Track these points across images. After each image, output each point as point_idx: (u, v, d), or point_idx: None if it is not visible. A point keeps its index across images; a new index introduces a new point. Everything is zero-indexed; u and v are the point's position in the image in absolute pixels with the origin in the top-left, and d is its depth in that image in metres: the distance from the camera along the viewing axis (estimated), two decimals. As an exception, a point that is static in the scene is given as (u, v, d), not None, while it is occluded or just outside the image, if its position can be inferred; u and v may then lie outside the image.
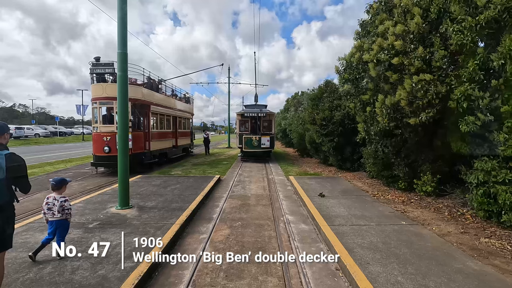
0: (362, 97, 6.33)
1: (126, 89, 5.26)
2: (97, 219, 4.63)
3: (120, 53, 5.17)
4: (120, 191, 5.28)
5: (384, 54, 4.88)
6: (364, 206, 5.56)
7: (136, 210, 5.18)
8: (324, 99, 10.17)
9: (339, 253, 3.40)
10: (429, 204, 5.59)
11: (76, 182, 8.41)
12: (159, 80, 12.52)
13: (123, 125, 5.30)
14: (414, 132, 5.56)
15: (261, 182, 8.58)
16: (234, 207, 5.78)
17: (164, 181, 7.97)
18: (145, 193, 6.48)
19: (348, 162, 9.96)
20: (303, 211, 5.59)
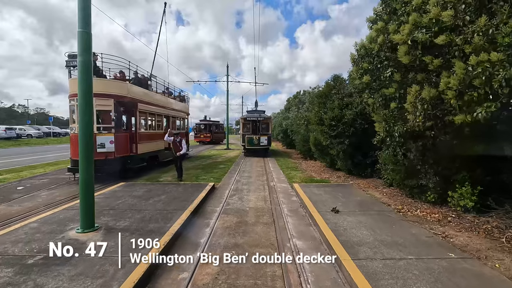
0: (385, 91, 5.19)
1: (89, 79, 4.12)
2: (44, 249, 3.48)
3: (82, 32, 4.03)
4: (82, 210, 4.14)
5: (422, 33, 3.76)
6: (391, 227, 4.42)
7: (101, 234, 4.04)
8: (332, 97, 9.03)
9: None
10: (473, 224, 4.45)
11: (47, 191, 7.27)
12: (147, 75, 11.37)
13: (85, 125, 4.15)
14: (454, 134, 4.43)
15: (261, 191, 7.44)
16: (228, 227, 4.65)
17: (148, 191, 6.82)
18: (121, 208, 5.33)
19: (359, 167, 8.81)
20: (315, 233, 4.45)
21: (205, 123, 34.18)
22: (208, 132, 33.29)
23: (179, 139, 8.18)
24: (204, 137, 32.90)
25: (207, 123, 34.22)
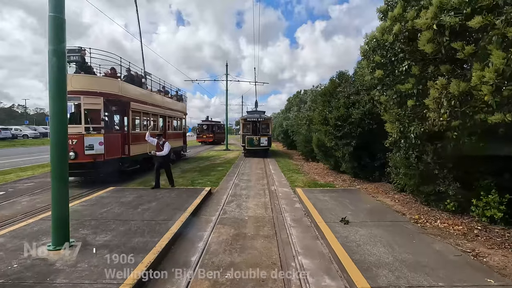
0: (400, 86, 4.62)
1: (62, 71, 3.55)
2: (1, 274, 2.91)
3: (53, 17, 3.47)
4: (54, 224, 3.57)
5: (450, 16, 3.19)
6: (411, 242, 3.85)
7: (76, 251, 3.46)
8: (338, 95, 8.45)
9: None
10: (505, 239, 3.88)
11: (28, 197, 6.70)
12: (141, 73, 10.80)
13: (58, 125, 3.58)
14: (483, 134, 3.87)
15: (262, 196, 6.87)
16: (223, 241, 4.08)
17: (138, 197, 6.25)
18: (104, 218, 4.77)
19: (366, 170, 8.24)
20: (323, 248, 3.88)
21: (208, 123, 33.85)
22: (211, 132, 32.97)
23: (162, 142, 7.26)
24: (206, 137, 32.57)
25: (209, 124, 33.87)
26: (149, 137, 7.46)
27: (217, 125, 35.27)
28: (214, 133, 33.07)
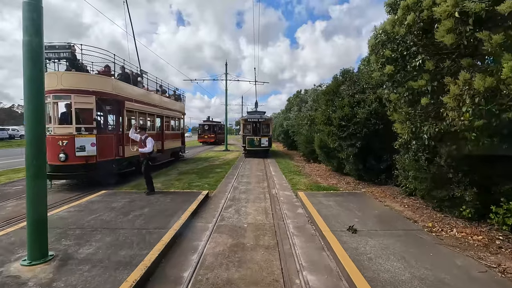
0: (412, 83, 4.24)
1: (38, 67, 3.17)
2: (-37, 296, 2.54)
3: (28, 3, 3.09)
4: (29, 236, 3.21)
5: (474, 2, 2.82)
6: (428, 255, 3.47)
7: (53, 267, 3.09)
8: (342, 93, 8.07)
9: None
10: (532, 251, 3.50)
11: (15, 201, 6.33)
12: (137, 72, 10.42)
13: (32, 126, 3.20)
14: (506, 136, 3.49)
15: (262, 200, 6.49)
16: (220, 253, 3.70)
17: (131, 201, 5.88)
18: (91, 226, 4.39)
19: (371, 172, 7.86)
20: (330, 262, 3.50)
21: (209, 123, 33.73)
22: (212, 132, 32.83)
23: (144, 137, 6.52)
24: (208, 137, 32.41)
25: (211, 124, 33.72)
26: (132, 133, 6.85)
27: (218, 125, 35.15)
28: (216, 134, 32.92)
